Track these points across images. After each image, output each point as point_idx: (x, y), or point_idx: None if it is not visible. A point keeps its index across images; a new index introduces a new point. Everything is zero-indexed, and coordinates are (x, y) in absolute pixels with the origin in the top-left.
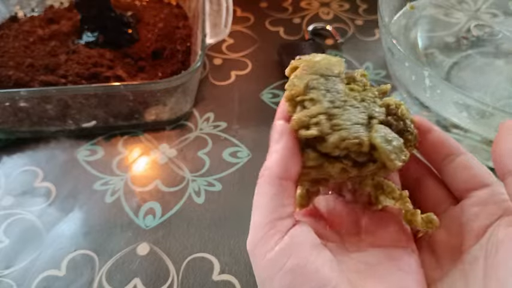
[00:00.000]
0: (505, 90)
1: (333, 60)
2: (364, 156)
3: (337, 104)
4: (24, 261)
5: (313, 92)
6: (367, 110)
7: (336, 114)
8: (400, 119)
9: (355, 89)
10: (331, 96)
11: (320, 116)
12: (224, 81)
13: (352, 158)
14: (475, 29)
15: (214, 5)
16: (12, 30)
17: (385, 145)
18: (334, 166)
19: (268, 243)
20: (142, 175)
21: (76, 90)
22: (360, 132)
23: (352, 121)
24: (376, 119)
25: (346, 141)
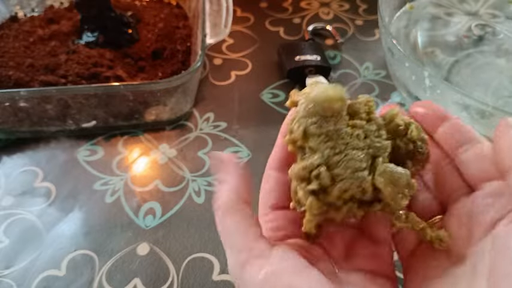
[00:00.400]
0: (506, 90)
1: (333, 94)
2: (370, 196)
3: (338, 150)
4: (24, 261)
5: (312, 140)
6: (370, 148)
7: (337, 163)
8: (409, 141)
9: (358, 125)
10: (331, 142)
11: (320, 167)
12: (224, 81)
13: (357, 200)
14: (476, 28)
15: (214, 5)
16: (12, 30)
17: (389, 188)
18: (339, 211)
19: (255, 265)
20: (143, 175)
21: (76, 90)
22: (363, 178)
23: (354, 168)
24: (381, 157)
25: (349, 191)
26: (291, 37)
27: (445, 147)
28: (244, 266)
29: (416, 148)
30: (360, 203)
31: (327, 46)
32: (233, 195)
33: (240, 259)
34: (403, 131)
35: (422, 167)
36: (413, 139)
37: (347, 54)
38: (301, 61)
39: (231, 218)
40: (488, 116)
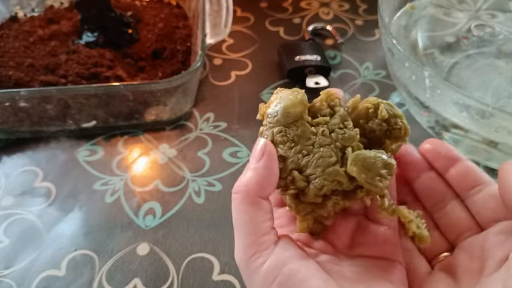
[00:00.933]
0: (505, 91)
1: (292, 101)
2: (351, 184)
3: (306, 152)
4: (24, 261)
5: (280, 149)
6: (337, 141)
7: (307, 164)
8: (382, 121)
9: (321, 122)
10: (298, 146)
11: (293, 172)
12: (224, 81)
13: (340, 192)
14: (476, 29)
15: (214, 5)
16: (13, 30)
17: (363, 174)
18: (324, 206)
19: (259, 260)
20: (142, 175)
21: (76, 90)
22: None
23: (324, 164)
24: (350, 146)
25: (324, 188)
26: (291, 37)
27: (456, 188)
28: (251, 257)
29: (391, 125)
30: (344, 194)
31: (327, 46)
32: (256, 186)
33: (249, 252)
34: (374, 113)
35: (403, 141)
36: (384, 118)
37: (347, 54)
38: (301, 61)
39: (247, 208)
40: (488, 116)
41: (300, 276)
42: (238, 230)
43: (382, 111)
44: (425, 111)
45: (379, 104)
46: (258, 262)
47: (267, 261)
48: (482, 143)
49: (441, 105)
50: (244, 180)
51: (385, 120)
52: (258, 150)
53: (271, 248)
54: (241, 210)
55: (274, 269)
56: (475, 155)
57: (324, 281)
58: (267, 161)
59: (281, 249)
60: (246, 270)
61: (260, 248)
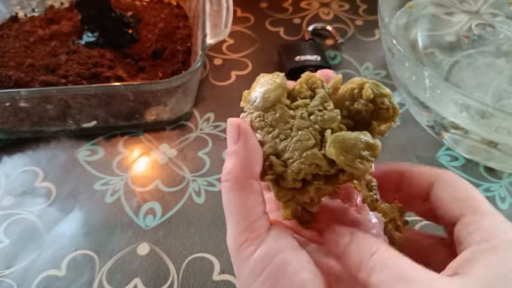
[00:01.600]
0: (506, 90)
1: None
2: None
3: (283, 136)
4: (24, 261)
5: (259, 134)
6: (316, 123)
7: (284, 149)
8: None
9: (300, 105)
10: (275, 131)
11: (270, 157)
12: (224, 81)
13: (322, 176)
14: (476, 28)
15: (215, 5)
16: (13, 30)
17: (342, 156)
18: (306, 192)
19: (252, 246)
20: (143, 175)
21: (76, 91)
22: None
23: (302, 148)
24: (329, 128)
25: (302, 171)
26: (291, 37)
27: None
28: (242, 245)
29: (378, 105)
30: (326, 178)
31: (327, 46)
32: (242, 169)
33: (239, 239)
34: (358, 94)
35: (392, 121)
36: (370, 98)
37: (347, 54)
38: (301, 61)
39: (237, 193)
40: (488, 116)
41: (291, 269)
42: (229, 217)
43: (366, 90)
44: (425, 111)
45: (364, 84)
46: (248, 250)
47: (257, 250)
48: (482, 143)
49: (441, 105)
50: (229, 166)
51: (371, 100)
52: (233, 132)
53: (262, 235)
54: (231, 196)
55: (265, 258)
56: (475, 155)
57: (314, 275)
58: (245, 140)
59: (273, 238)
60: (236, 259)
61: (251, 235)
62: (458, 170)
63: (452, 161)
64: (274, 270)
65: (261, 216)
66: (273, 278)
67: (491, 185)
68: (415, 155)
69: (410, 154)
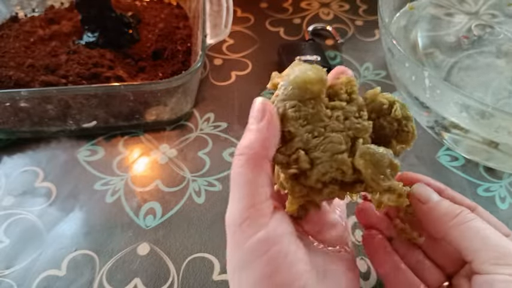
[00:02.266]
0: (506, 90)
1: (311, 77)
2: (351, 177)
3: (317, 133)
4: (24, 261)
5: (291, 124)
6: (350, 129)
7: (315, 146)
8: (394, 119)
9: (337, 107)
10: (309, 126)
11: (299, 151)
12: (224, 81)
13: (339, 182)
14: (476, 28)
15: (215, 5)
16: (13, 30)
17: (370, 170)
18: (320, 194)
19: (253, 227)
20: (143, 175)
21: (76, 91)
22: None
23: (332, 150)
24: (361, 138)
25: (328, 174)
26: (291, 37)
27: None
28: (245, 222)
29: (401, 127)
30: (342, 184)
31: (327, 46)
32: (261, 148)
33: (243, 215)
34: (387, 110)
35: (408, 145)
36: (398, 117)
37: (347, 54)
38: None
39: (250, 169)
40: (488, 116)
41: (289, 259)
42: (237, 192)
43: (396, 110)
44: (425, 112)
45: (395, 102)
46: (250, 230)
47: (259, 232)
48: (482, 143)
49: (441, 106)
50: (248, 141)
51: (396, 120)
52: (259, 110)
53: (266, 218)
54: (243, 171)
55: (266, 243)
56: (475, 155)
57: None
58: (269, 121)
59: (276, 223)
60: (235, 234)
61: (256, 214)
62: (458, 170)
63: (452, 161)
64: (275, 256)
65: (267, 198)
66: (272, 264)
67: (491, 185)
68: (415, 155)
69: (411, 154)
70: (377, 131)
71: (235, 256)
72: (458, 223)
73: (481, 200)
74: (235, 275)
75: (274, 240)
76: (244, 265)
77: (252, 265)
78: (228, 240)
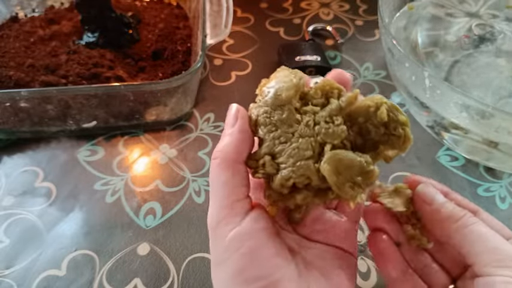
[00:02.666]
0: (506, 90)
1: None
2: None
3: (284, 139)
4: (24, 261)
5: (261, 130)
6: (319, 135)
7: (281, 152)
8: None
9: (309, 111)
10: (277, 132)
11: (266, 156)
12: (224, 81)
13: (313, 188)
14: (476, 28)
15: (215, 5)
16: (13, 30)
17: (334, 177)
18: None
19: (229, 225)
20: (143, 175)
21: (77, 91)
22: (306, 166)
23: (297, 156)
24: (330, 143)
25: (291, 180)
26: (291, 37)
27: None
28: (221, 221)
29: (389, 131)
30: (316, 191)
31: (327, 46)
32: (233, 151)
33: (220, 214)
34: (374, 113)
35: (401, 150)
36: (384, 121)
37: (347, 54)
38: (301, 61)
39: (224, 171)
40: (488, 116)
41: (264, 253)
42: (213, 193)
43: (382, 112)
44: (425, 112)
45: (382, 104)
46: (226, 228)
47: (234, 229)
48: (482, 143)
49: (441, 106)
50: (222, 145)
51: (384, 124)
52: (232, 116)
53: (241, 215)
54: (218, 174)
55: (240, 239)
56: (475, 155)
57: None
58: (241, 125)
59: (251, 220)
60: (213, 234)
61: (231, 213)
62: (458, 170)
63: (452, 161)
64: (247, 252)
65: (242, 198)
66: (245, 259)
67: (491, 185)
68: (415, 155)
69: (411, 154)
70: (365, 135)
71: (214, 254)
72: (462, 226)
73: (481, 200)
74: (214, 272)
75: (248, 237)
76: (220, 262)
77: (226, 261)
78: (209, 240)
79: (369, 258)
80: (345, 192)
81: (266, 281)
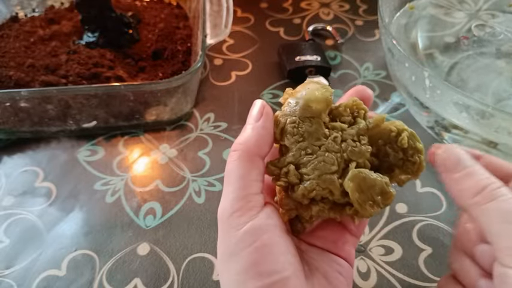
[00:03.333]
0: (505, 91)
1: (315, 96)
2: (342, 198)
3: (310, 151)
4: (24, 261)
5: (287, 139)
6: (345, 152)
7: (306, 163)
8: (399, 148)
9: (337, 127)
10: (304, 143)
11: (290, 165)
12: (224, 81)
13: (330, 201)
14: (476, 29)
15: (215, 5)
16: (13, 30)
17: (357, 194)
18: (308, 209)
19: (243, 217)
20: (143, 175)
21: (77, 91)
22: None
23: (322, 169)
24: (355, 161)
25: (314, 192)
26: (291, 37)
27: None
28: (236, 212)
29: (407, 156)
30: (333, 204)
31: (327, 46)
32: (255, 144)
33: (235, 206)
34: (395, 138)
35: (414, 176)
36: (403, 147)
37: (347, 54)
38: (301, 61)
39: (243, 164)
40: (488, 116)
41: (277, 249)
42: (230, 184)
43: (403, 139)
44: (425, 112)
45: (403, 131)
46: (240, 220)
47: (249, 222)
48: (482, 143)
49: (441, 106)
50: (243, 138)
51: (402, 149)
52: (257, 110)
53: (256, 210)
54: (236, 165)
55: (255, 233)
56: None
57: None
58: (265, 121)
59: (265, 215)
60: (225, 225)
61: (246, 206)
62: None
63: None
64: (261, 246)
65: (258, 192)
66: (259, 253)
67: None
68: None
69: None
70: (382, 158)
71: (225, 245)
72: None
73: None
74: (224, 264)
75: (263, 231)
76: (232, 253)
77: (240, 254)
78: (219, 231)
79: (369, 258)
80: (365, 210)
81: (279, 276)
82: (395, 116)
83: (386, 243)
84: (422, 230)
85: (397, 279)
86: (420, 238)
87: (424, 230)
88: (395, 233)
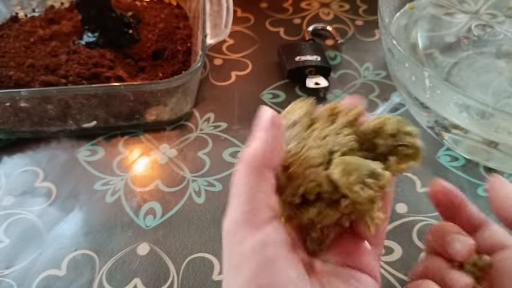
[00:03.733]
0: (506, 91)
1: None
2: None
3: (294, 152)
4: (24, 261)
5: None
6: (328, 145)
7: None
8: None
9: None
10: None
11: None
12: (224, 81)
13: (325, 199)
14: (476, 29)
15: (215, 5)
16: (13, 30)
17: (344, 178)
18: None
19: (249, 230)
20: (143, 175)
21: (77, 91)
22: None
23: (308, 164)
24: (338, 152)
25: (301, 187)
26: (291, 37)
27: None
28: (243, 226)
29: (398, 141)
30: (328, 202)
31: (327, 46)
32: (265, 156)
33: (241, 218)
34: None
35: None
36: (390, 133)
37: (347, 54)
38: (301, 61)
39: (253, 175)
40: (488, 116)
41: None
42: (236, 196)
43: (387, 125)
44: (425, 112)
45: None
46: (246, 233)
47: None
48: (482, 143)
49: (441, 106)
50: (252, 149)
51: (391, 135)
52: (268, 121)
53: (262, 223)
54: (245, 176)
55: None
56: (475, 156)
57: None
58: (276, 131)
59: (271, 229)
60: (230, 238)
61: (253, 219)
62: (458, 170)
63: (452, 161)
64: (264, 261)
65: (266, 205)
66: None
67: None
68: None
69: None
70: (374, 151)
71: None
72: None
73: (481, 200)
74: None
75: (268, 245)
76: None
77: (244, 266)
78: (224, 242)
79: None
80: (356, 193)
81: None
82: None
83: (386, 243)
84: (423, 230)
85: (397, 279)
86: (420, 238)
87: (424, 230)
88: (395, 233)
